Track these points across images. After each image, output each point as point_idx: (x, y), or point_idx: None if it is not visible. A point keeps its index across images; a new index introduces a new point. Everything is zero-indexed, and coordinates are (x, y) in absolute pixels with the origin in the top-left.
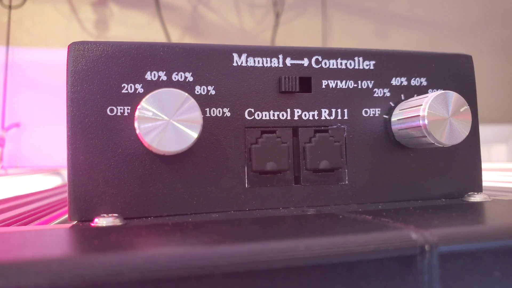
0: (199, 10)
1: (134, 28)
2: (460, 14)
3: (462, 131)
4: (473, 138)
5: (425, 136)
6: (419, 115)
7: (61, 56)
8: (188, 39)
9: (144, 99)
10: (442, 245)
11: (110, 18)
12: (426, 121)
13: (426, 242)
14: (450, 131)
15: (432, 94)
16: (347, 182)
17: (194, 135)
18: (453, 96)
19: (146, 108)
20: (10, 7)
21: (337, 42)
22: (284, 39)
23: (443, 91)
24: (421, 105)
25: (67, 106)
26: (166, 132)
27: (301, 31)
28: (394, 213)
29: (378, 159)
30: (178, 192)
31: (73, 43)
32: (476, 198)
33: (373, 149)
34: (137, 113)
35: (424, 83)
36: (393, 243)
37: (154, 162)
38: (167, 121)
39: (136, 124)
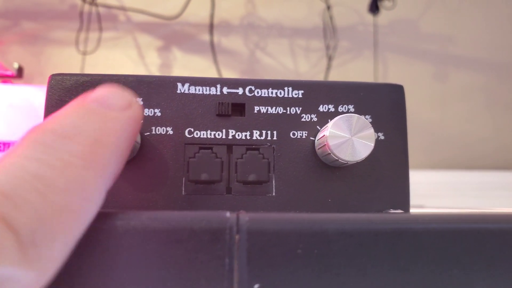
0: (256, 55)
1: (195, 72)
2: None
3: (363, 150)
4: (402, 160)
5: (330, 154)
6: (325, 135)
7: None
8: None
9: None
10: (251, 224)
11: (174, 63)
12: (328, 141)
13: (237, 220)
14: (352, 150)
15: (337, 117)
16: (274, 194)
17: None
18: (356, 118)
19: None
20: (84, 53)
21: None
22: None
23: (347, 114)
24: (327, 127)
25: (44, 118)
26: None
27: (354, 74)
28: None
29: (304, 175)
30: (125, 194)
31: (52, 75)
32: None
33: (300, 167)
34: None
35: (352, 110)
36: (208, 218)
37: None
38: None
39: None
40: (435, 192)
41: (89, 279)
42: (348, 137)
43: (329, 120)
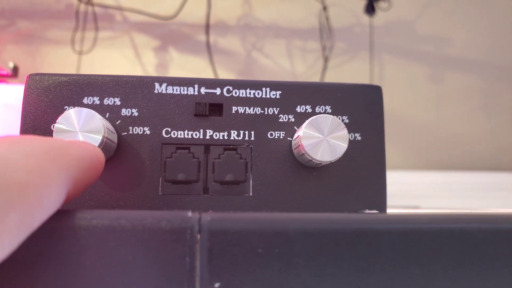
0: (253, 56)
1: (191, 72)
2: None
3: (336, 151)
4: (378, 160)
5: (304, 154)
6: (300, 136)
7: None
8: None
9: (62, 116)
10: (213, 224)
11: (170, 63)
12: (302, 141)
13: (199, 220)
14: (326, 150)
15: (312, 117)
16: (251, 194)
17: (98, 138)
18: (330, 119)
19: (64, 121)
20: (80, 53)
21: (388, 86)
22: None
23: (321, 115)
24: (302, 127)
25: (21, 120)
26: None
27: (350, 75)
28: None
29: (281, 175)
30: (101, 194)
31: (30, 74)
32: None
33: (277, 167)
34: (56, 125)
35: (329, 110)
36: (169, 217)
37: None
38: (77, 132)
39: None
40: (431, 192)
41: (49, 279)
42: (321, 137)
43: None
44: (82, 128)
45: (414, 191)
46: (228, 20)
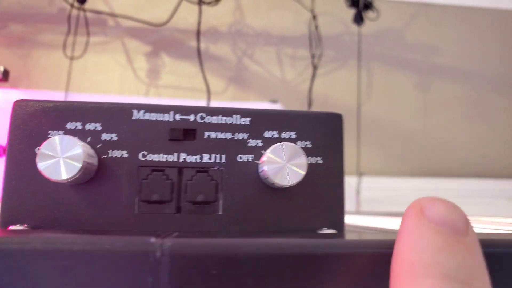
0: (244, 62)
1: (182, 77)
2: (505, 66)
3: (294, 176)
4: (338, 183)
5: (268, 178)
6: (264, 160)
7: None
8: (232, 88)
9: (44, 143)
10: (173, 249)
11: (162, 68)
12: (265, 166)
13: (160, 245)
14: (286, 175)
15: (275, 144)
16: (221, 212)
17: (71, 172)
18: (291, 147)
19: (48, 147)
20: (71, 58)
21: (376, 93)
22: (322, 90)
23: (284, 143)
24: (266, 153)
25: (7, 145)
26: (58, 166)
27: (338, 83)
28: None
29: (249, 196)
30: (81, 213)
31: (17, 101)
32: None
33: (246, 188)
34: (40, 151)
35: (294, 136)
36: (133, 243)
37: (65, 189)
38: (59, 158)
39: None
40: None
41: None
42: (283, 163)
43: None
44: (64, 155)
45: (400, 197)
46: (219, 27)
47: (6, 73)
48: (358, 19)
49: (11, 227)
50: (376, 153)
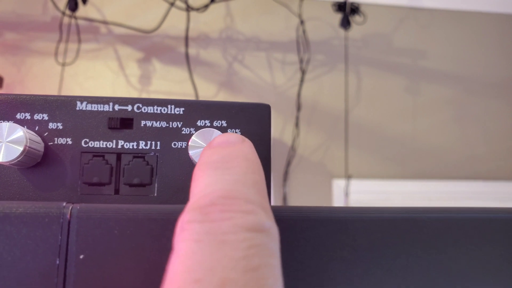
0: (234, 67)
1: (173, 83)
2: (492, 69)
3: None
4: (265, 167)
5: (193, 161)
6: (189, 145)
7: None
8: (223, 93)
9: None
10: (81, 212)
11: (153, 74)
12: (189, 150)
13: (69, 209)
14: None
15: (198, 131)
16: (155, 194)
17: (14, 154)
18: (212, 132)
19: None
20: (63, 64)
21: (364, 97)
22: (311, 94)
23: (206, 129)
24: (191, 138)
25: None
26: (4, 149)
27: (327, 87)
28: None
29: (182, 179)
30: (29, 194)
31: None
32: None
33: (179, 172)
34: None
35: (225, 125)
36: (47, 206)
37: (14, 172)
38: (3, 142)
39: None
40: (407, 201)
41: None
42: (204, 145)
43: None
44: (7, 139)
45: (391, 200)
46: (210, 33)
47: (0, 80)
48: (345, 24)
49: None
50: (365, 156)
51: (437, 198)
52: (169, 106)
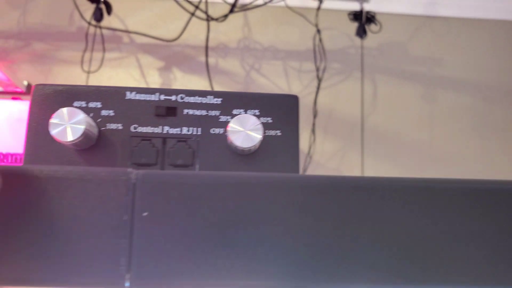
0: (251, 76)
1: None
2: (509, 77)
3: (254, 139)
4: (294, 151)
5: (231, 143)
6: (228, 130)
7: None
8: None
9: (57, 112)
10: (144, 177)
11: (173, 82)
12: (229, 134)
13: (134, 173)
14: (246, 139)
15: (236, 116)
16: None
17: (76, 134)
18: (248, 117)
19: (58, 117)
20: (88, 72)
21: (381, 105)
22: (327, 102)
23: (243, 115)
24: (229, 124)
25: (27, 117)
26: (67, 130)
27: (343, 95)
28: None
29: (220, 161)
30: None
31: (36, 85)
32: None
33: (217, 155)
34: (51, 120)
35: (257, 113)
36: (118, 171)
37: (72, 152)
38: (66, 124)
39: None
40: None
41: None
42: (242, 130)
43: None
44: (70, 122)
45: None
46: (228, 43)
47: (29, 87)
48: (361, 32)
49: None
50: (381, 163)
51: None
52: (208, 97)
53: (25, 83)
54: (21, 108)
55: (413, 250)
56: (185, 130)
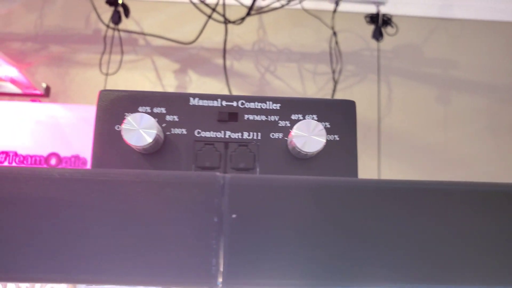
0: (266, 78)
1: (209, 93)
2: None
3: (317, 144)
4: (352, 155)
5: (295, 147)
6: (292, 135)
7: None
8: None
9: (128, 117)
10: (231, 181)
11: (189, 84)
12: (293, 139)
13: (222, 178)
14: (309, 143)
15: (300, 121)
16: None
17: (149, 139)
18: (312, 123)
19: (129, 122)
20: (107, 74)
21: (396, 107)
22: None
23: (306, 120)
24: (293, 129)
25: (94, 122)
26: (140, 135)
27: (359, 97)
28: None
29: (279, 164)
30: None
31: (101, 91)
32: None
33: (277, 158)
34: (124, 125)
35: (316, 118)
36: (204, 175)
37: (138, 156)
38: (138, 129)
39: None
40: None
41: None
42: (307, 135)
43: None
44: (141, 127)
45: None
46: (243, 45)
47: (47, 90)
48: (377, 35)
49: None
50: (397, 165)
51: None
52: (267, 102)
53: (44, 85)
54: (39, 110)
55: (432, 251)
56: (246, 135)
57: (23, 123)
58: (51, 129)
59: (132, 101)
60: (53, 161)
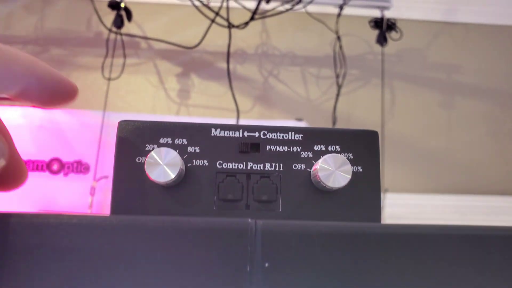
0: (270, 82)
1: (212, 97)
2: None
3: (343, 179)
4: (375, 187)
5: (320, 182)
6: (317, 168)
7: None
8: (258, 107)
9: (152, 152)
10: (264, 228)
11: (192, 88)
12: (319, 172)
13: (254, 224)
14: (336, 179)
15: (326, 155)
16: (280, 210)
17: (172, 175)
18: (338, 157)
19: (153, 157)
20: (109, 79)
21: (399, 112)
22: (346, 108)
23: (332, 154)
24: (318, 162)
25: (114, 154)
26: (163, 171)
27: (363, 101)
28: None
29: (302, 197)
30: (170, 210)
31: (120, 121)
32: None
33: (299, 190)
34: (147, 160)
35: (338, 149)
36: (237, 222)
37: (159, 189)
38: (161, 164)
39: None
40: (441, 216)
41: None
42: (332, 170)
43: (321, 157)
44: (165, 162)
45: (424, 214)
46: (246, 49)
47: None
48: (382, 40)
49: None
50: (400, 170)
51: (472, 213)
52: (289, 133)
53: None
54: (41, 116)
55: None
56: (268, 166)
57: (25, 128)
58: (53, 134)
59: (153, 132)
60: (55, 167)
